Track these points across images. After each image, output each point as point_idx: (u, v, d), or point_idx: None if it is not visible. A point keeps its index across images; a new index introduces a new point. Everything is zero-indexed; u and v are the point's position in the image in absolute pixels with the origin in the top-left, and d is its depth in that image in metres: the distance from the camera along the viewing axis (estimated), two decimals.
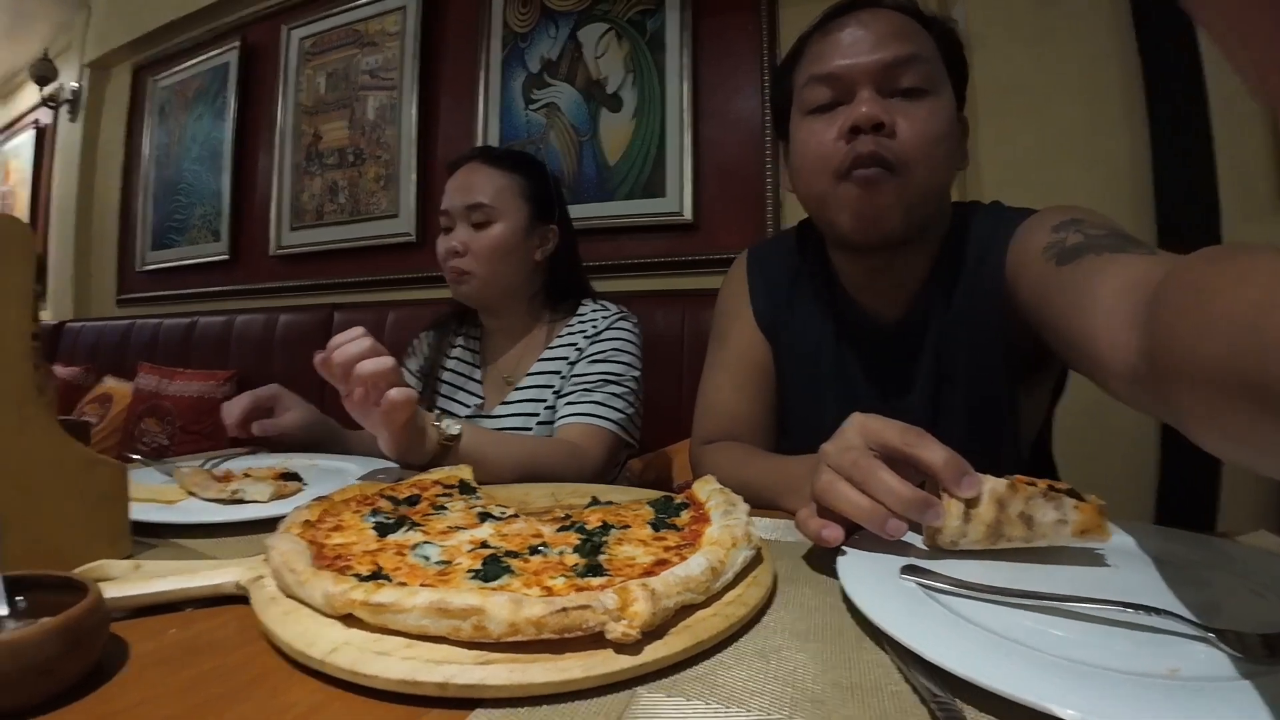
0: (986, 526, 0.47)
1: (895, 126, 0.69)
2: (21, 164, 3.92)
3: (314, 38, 2.60)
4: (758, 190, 1.81)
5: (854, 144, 0.70)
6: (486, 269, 1.09)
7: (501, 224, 1.10)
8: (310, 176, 2.56)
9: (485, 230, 1.09)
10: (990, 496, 0.47)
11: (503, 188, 1.11)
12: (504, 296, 1.13)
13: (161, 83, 3.08)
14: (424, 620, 0.37)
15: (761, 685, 0.35)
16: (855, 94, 0.71)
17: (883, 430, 0.50)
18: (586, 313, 1.14)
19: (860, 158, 0.70)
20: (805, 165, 0.76)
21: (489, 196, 1.09)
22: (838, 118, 0.72)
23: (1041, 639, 0.37)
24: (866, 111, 0.69)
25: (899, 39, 0.71)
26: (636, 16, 1.98)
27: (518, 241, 1.11)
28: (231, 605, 0.46)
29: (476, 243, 1.09)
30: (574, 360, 1.09)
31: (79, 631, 0.35)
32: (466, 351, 1.22)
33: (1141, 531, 0.55)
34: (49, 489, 0.51)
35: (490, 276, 1.10)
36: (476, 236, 1.09)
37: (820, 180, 0.74)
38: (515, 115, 2.16)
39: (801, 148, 0.77)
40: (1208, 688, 0.31)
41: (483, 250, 1.08)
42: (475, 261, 1.09)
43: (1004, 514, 0.47)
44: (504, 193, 1.11)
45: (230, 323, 2.42)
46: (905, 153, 0.69)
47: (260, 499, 0.71)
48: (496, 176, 1.12)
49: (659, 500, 0.61)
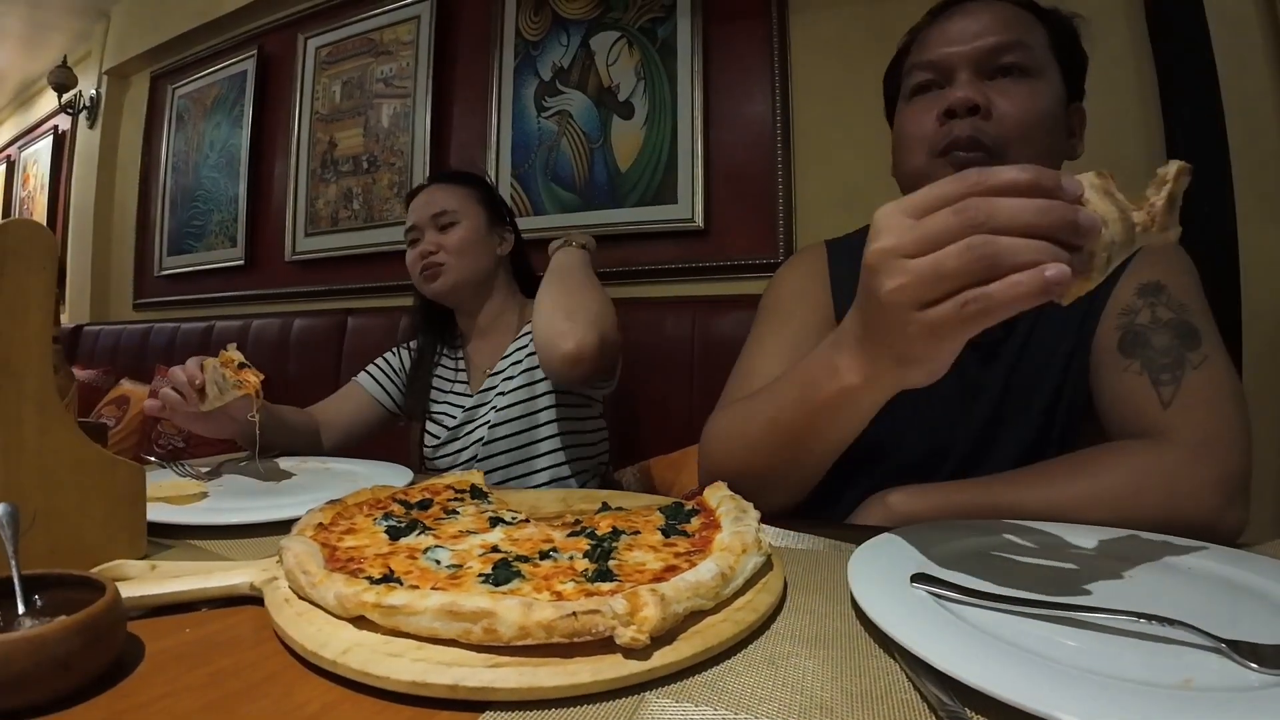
0: (1118, 219, 0.40)
1: (993, 107, 0.69)
2: (40, 169, 3.99)
3: (330, 47, 2.63)
4: (769, 196, 1.81)
5: (950, 126, 0.71)
6: (457, 261, 1.24)
7: (465, 223, 1.26)
8: (325, 183, 2.59)
9: (451, 230, 1.25)
10: (1092, 186, 0.41)
11: (461, 197, 1.29)
12: (474, 289, 1.28)
13: (179, 91, 3.12)
14: (435, 623, 0.37)
15: (770, 692, 0.35)
16: (955, 78, 0.72)
17: (929, 190, 0.42)
18: None
19: (957, 141, 0.70)
20: (904, 145, 0.77)
21: (452, 204, 1.26)
22: (938, 101, 0.72)
23: (1052, 648, 0.36)
24: (962, 95, 0.69)
25: (1004, 27, 0.71)
26: (648, 24, 1.99)
27: (480, 238, 1.27)
28: (245, 606, 0.47)
29: (446, 241, 1.24)
30: None
31: (97, 629, 0.35)
32: (450, 360, 1.35)
33: (1156, 541, 0.54)
34: (69, 489, 0.51)
35: (460, 268, 1.24)
36: (444, 237, 1.25)
37: (917, 157, 0.75)
38: (527, 122, 2.17)
39: (901, 129, 0.78)
40: (1221, 699, 0.31)
41: (452, 246, 1.24)
42: (447, 256, 1.23)
43: (1117, 199, 0.41)
44: (463, 200, 1.28)
45: (246, 327, 2.44)
46: (1004, 134, 0.69)
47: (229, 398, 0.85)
48: (453, 189, 1.30)
49: (669, 506, 0.61)
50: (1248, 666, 0.34)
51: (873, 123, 1.72)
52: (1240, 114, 1.32)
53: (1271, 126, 1.32)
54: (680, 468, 1.44)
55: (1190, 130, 1.35)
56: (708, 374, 1.60)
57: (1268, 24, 1.33)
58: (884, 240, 0.44)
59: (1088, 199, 0.40)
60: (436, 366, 1.35)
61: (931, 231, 0.41)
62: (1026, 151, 0.68)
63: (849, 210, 1.60)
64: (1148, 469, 0.60)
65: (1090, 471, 0.61)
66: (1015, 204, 0.39)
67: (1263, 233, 1.30)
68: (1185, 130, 1.36)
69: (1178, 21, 1.37)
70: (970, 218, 0.39)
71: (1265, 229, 1.30)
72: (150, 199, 3.20)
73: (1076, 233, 0.38)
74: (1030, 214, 0.38)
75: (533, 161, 2.14)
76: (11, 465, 0.48)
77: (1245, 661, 0.34)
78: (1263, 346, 1.29)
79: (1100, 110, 1.45)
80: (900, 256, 0.42)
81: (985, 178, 0.40)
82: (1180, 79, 1.37)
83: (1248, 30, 1.34)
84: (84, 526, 0.52)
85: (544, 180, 2.12)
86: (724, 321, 1.63)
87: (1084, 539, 0.56)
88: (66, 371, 0.53)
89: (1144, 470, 0.60)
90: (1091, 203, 0.40)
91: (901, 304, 0.43)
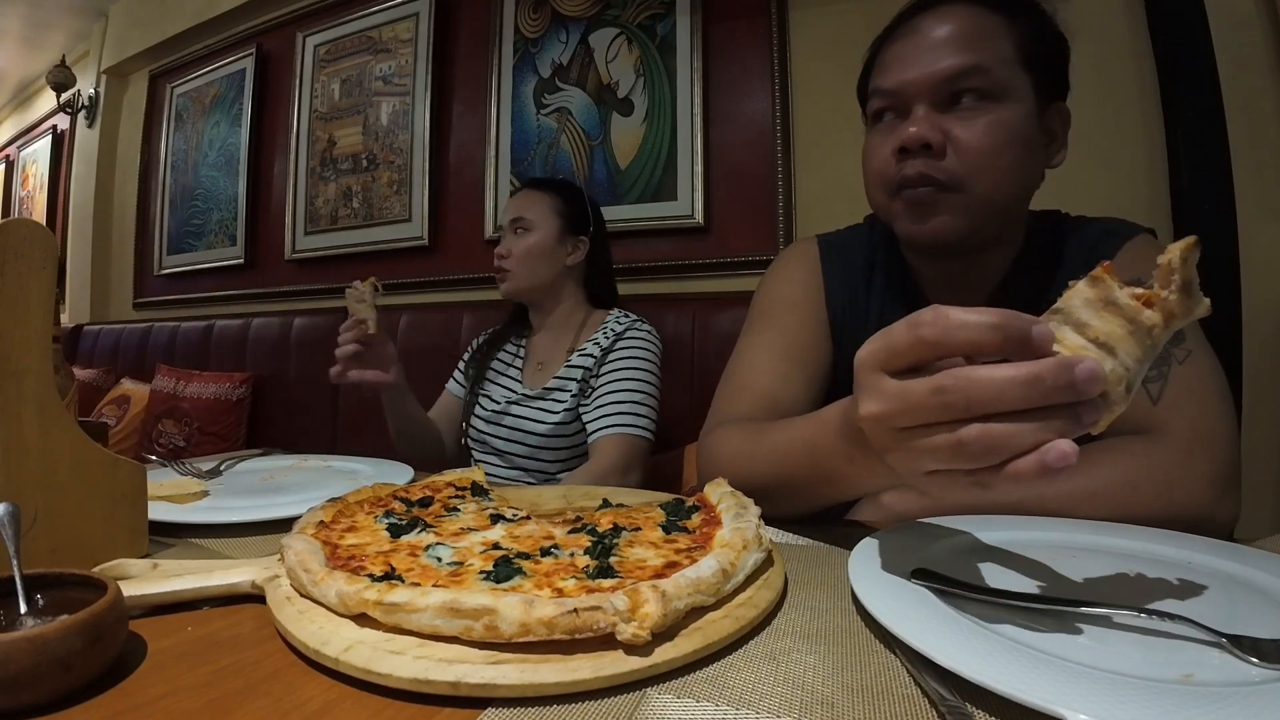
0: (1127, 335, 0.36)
1: (950, 142, 0.68)
2: (39, 169, 3.98)
3: (328, 45, 2.63)
4: (769, 193, 1.81)
5: (903, 165, 0.70)
6: (521, 267, 1.35)
7: (536, 232, 1.36)
8: (324, 182, 2.59)
9: (523, 237, 1.36)
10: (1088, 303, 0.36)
11: (541, 206, 1.38)
12: (540, 292, 1.39)
13: (178, 90, 3.12)
14: (436, 620, 0.37)
15: (771, 687, 0.35)
16: (910, 110, 0.70)
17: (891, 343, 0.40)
18: (610, 320, 1.35)
19: (907, 179, 0.70)
20: (866, 177, 0.77)
21: (530, 212, 1.37)
22: (894, 134, 0.71)
23: (1053, 643, 0.36)
24: (914, 133, 0.68)
25: (962, 46, 0.68)
26: (647, 21, 1.99)
27: (548, 247, 1.36)
28: (247, 604, 0.47)
29: (516, 247, 1.36)
30: (597, 358, 1.28)
31: (99, 628, 0.35)
32: (515, 347, 1.47)
33: (1158, 537, 0.54)
34: (70, 489, 0.51)
35: (523, 275, 1.35)
36: (517, 242, 1.36)
37: (876, 194, 0.76)
38: (527, 120, 2.17)
39: (864, 158, 0.77)
40: (1222, 694, 0.31)
41: (520, 253, 1.35)
42: (514, 262, 1.35)
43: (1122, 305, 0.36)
44: (541, 208, 1.38)
45: (246, 325, 2.44)
46: (960, 170, 0.68)
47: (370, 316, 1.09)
48: (537, 197, 1.39)
49: (670, 503, 0.61)
50: (1248, 661, 0.34)
51: None
52: (1241, 112, 1.32)
53: (1272, 125, 1.32)
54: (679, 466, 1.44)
55: (1191, 129, 1.35)
56: (708, 371, 1.60)
57: (1268, 22, 1.33)
58: (868, 405, 0.41)
59: (1085, 321, 0.36)
60: (504, 347, 1.48)
61: (913, 406, 0.38)
62: (986, 182, 0.68)
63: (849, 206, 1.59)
64: (1143, 465, 0.60)
65: (1085, 468, 0.61)
66: (995, 386, 0.35)
67: (1263, 231, 1.30)
68: (1186, 129, 1.36)
69: (1178, 19, 1.37)
70: (949, 404, 0.36)
71: (1266, 227, 1.30)
72: (150, 198, 3.20)
73: (1076, 393, 0.35)
74: (1016, 396, 0.35)
75: (532, 159, 2.14)
76: (12, 465, 0.48)
77: (1246, 656, 0.34)
78: (1263, 345, 1.30)
79: (1100, 109, 1.46)
80: (890, 427, 0.40)
81: (944, 335, 0.37)
82: (1181, 77, 1.37)
83: (1248, 28, 1.34)
84: (85, 526, 0.52)
85: None
86: (724, 318, 1.63)
87: (1084, 534, 0.56)
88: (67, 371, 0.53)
89: (1139, 467, 0.60)
90: (1091, 326, 0.36)
91: (901, 466, 0.42)
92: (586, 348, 1.31)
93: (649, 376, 1.28)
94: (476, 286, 2.19)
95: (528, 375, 1.40)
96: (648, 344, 1.32)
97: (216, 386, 2.32)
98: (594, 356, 1.29)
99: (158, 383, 2.46)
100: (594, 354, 1.29)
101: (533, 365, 1.40)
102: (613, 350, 1.29)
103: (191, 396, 2.34)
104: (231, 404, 2.29)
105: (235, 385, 2.31)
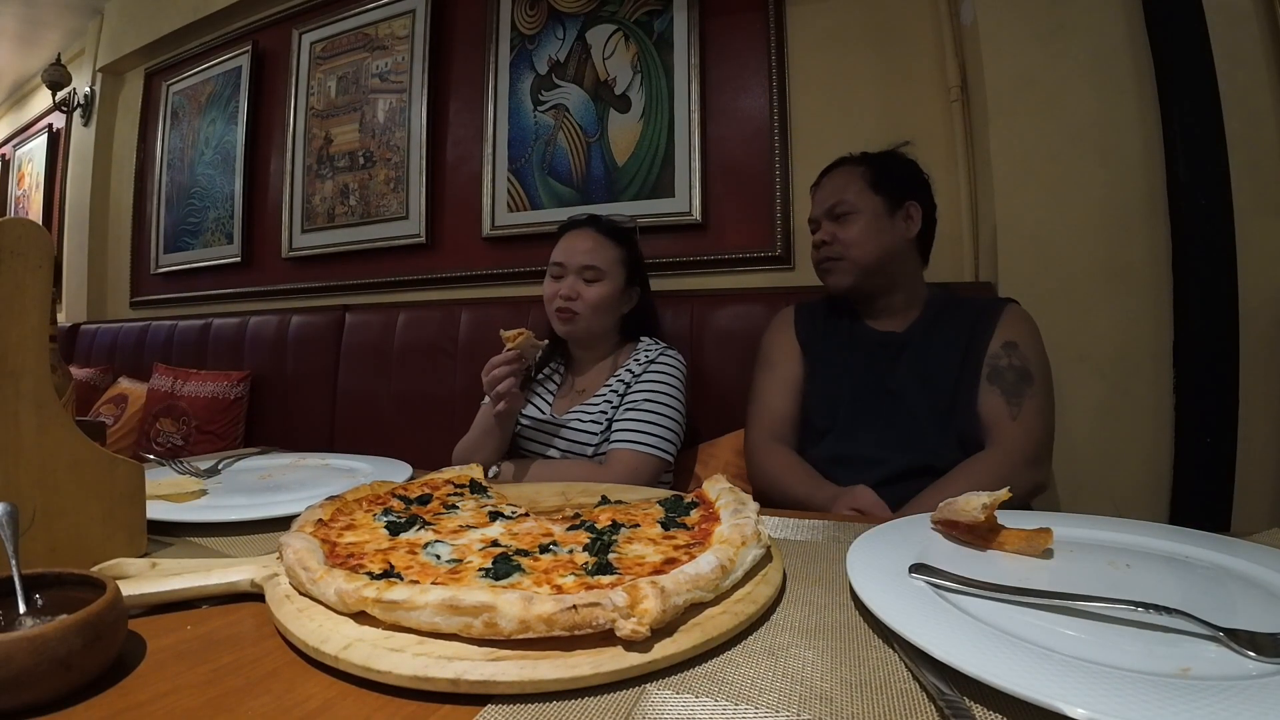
0: None
1: (835, 236, 1.20)
2: (35, 168, 3.97)
3: (324, 42, 2.62)
4: (766, 190, 1.80)
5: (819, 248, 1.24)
6: (591, 316, 1.36)
7: (606, 284, 1.37)
8: (321, 179, 2.58)
9: (593, 285, 1.36)
10: None
11: (611, 256, 1.39)
12: (595, 336, 1.43)
13: (174, 87, 3.11)
14: (436, 617, 0.37)
15: (770, 683, 0.35)
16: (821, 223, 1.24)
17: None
18: (641, 347, 1.40)
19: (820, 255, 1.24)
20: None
21: (602, 262, 1.36)
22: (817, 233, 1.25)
23: (1051, 638, 0.37)
24: (818, 236, 1.24)
25: (838, 190, 1.22)
26: (644, 17, 1.98)
27: (615, 300, 1.39)
28: (246, 602, 0.47)
29: (587, 294, 1.35)
30: (628, 382, 1.34)
31: (98, 627, 0.35)
32: (556, 370, 1.50)
33: (1155, 531, 0.55)
34: (68, 488, 0.51)
35: (594, 322, 1.38)
36: (586, 289, 1.36)
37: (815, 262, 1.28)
38: (524, 117, 2.16)
39: None
40: (1219, 687, 0.31)
41: (591, 300, 1.36)
42: (584, 307, 1.36)
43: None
44: (612, 260, 1.39)
45: (244, 324, 2.43)
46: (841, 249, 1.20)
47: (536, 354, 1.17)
48: (608, 246, 1.39)
49: (669, 499, 0.61)
50: (1245, 655, 0.34)
51: (869, 116, 1.73)
52: (1238, 108, 1.32)
53: (1269, 120, 1.32)
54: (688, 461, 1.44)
55: (1188, 124, 1.35)
56: (707, 368, 1.60)
57: (1265, 18, 1.33)
58: None
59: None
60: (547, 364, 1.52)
61: None
62: (858, 251, 1.18)
63: None
64: (999, 469, 1.00)
65: (966, 475, 1.01)
66: None
67: (1259, 226, 1.30)
68: (1183, 124, 1.36)
69: (1175, 14, 1.37)
70: None
71: (1262, 222, 1.30)
72: (146, 196, 3.19)
73: None
74: None
75: (529, 156, 2.14)
76: (10, 465, 0.48)
77: (1243, 650, 0.34)
78: (1259, 339, 1.30)
79: (1097, 104, 1.46)
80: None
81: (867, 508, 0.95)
82: (1178, 72, 1.37)
83: (1245, 24, 1.34)
84: (84, 525, 0.52)
85: (541, 175, 2.11)
86: (722, 315, 1.63)
87: (1080, 529, 0.56)
88: (64, 370, 0.53)
89: (998, 470, 1.00)
90: None
91: None
92: (620, 374, 1.36)
93: (673, 400, 1.31)
94: (473, 284, 2.18)
95: (560, 399, 1.43)
96: (674, 369, 1.36)
97: (214, 385, 2.32)
98: (625, 382, 1.34)
99: (155, 382, 2.45)
100: (626, 379, 1.34)
101: (568, 391, 1.44)
102: (641, 376, 1.33)
103: (189, 395, 2.33)
104: (229, 402, 2.29)
105: (233, 384, 2.31)
